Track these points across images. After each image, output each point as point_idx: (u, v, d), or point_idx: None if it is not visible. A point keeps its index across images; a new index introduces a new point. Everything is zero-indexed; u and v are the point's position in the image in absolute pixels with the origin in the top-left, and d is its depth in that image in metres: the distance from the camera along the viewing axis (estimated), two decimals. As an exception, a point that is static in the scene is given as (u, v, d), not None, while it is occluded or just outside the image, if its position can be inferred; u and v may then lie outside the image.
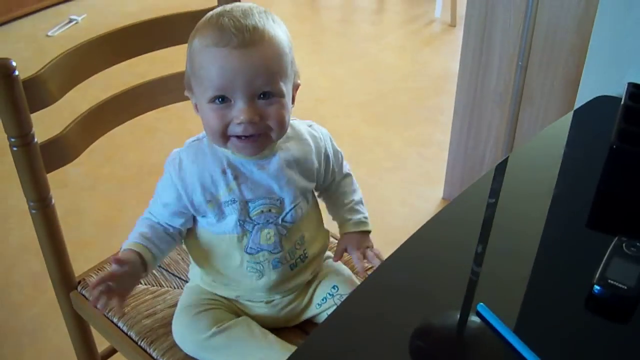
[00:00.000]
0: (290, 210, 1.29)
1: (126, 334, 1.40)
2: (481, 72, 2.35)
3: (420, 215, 2.49)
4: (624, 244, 1.02)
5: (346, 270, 1.44)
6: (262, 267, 1.29)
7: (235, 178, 1.24)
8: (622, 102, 1.29)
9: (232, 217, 1.25)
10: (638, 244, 1.02)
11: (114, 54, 1.47)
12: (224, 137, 1.19)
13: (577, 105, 1.53)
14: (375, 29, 4.53)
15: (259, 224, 1.27)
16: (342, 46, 4.20)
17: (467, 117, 2.49)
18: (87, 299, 1.48)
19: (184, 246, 1.37)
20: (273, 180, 1.26)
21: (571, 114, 1.45)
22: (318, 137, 1.33)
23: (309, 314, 1.38)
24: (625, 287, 0.95)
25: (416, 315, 0.95)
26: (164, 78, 1.58)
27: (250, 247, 1.27)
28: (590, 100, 1.47)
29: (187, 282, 1.49)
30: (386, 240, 1.08)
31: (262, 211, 1.26)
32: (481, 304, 0.94)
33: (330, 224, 1.43)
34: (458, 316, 0.97)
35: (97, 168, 2.95)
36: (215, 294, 1.35)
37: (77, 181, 2.86)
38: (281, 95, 1.18)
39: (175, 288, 1.50)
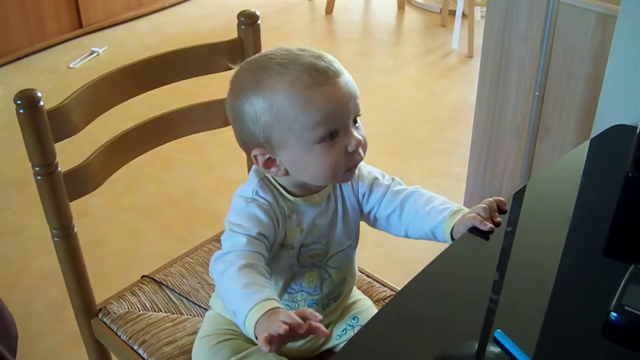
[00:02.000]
0: (335, 254, 1.31)
1: (146, 362, 1.41)
2: (498, 104, 2.36)
3: (438, 247, 2.49)
4: (640, 272, 1.02)
5: (367, 301, 1.45)
6: (297, 306, 1.30)
7: (298, 224, 1.25)
8: (637, 131, 1.30)
9: (285, 261, 1.26)
10: (654, 271, 1.02)
11: (135, 85, 1.49)
12: (341, 172, 1.20)
13: (593, 135, 1.54)
14: (393, 60, 4.56)
15: (305, 267, 1.28)
16: (360, 78, 4.19)
17: (485, 148, 2.50)
18: (107, 326, 1.49)
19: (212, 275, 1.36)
20: (329, 227, 1.29)
21: (587, 142, 1.46)
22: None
23: (329, 345, 1.38)
24: (642, 314, 0.95)
25: (433, 344, 0.96)
26: (184, 109, 1.60)
27: (292, 288, 1.29)
28: (607, 129, 1.48)
29: (206, 309, 1.50)
30: (405, 272, 1.09)
31: (311, 256, 1.28)
32: (499, 330, 0.94)
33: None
34: (476, 344, 0.97)
35: (117, 198, 2.98)
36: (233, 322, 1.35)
37: (97, 211, 2.89)
38: None
39: (195, 316, 1.51)
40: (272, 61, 1.17)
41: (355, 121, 1.20)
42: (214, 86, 1.94)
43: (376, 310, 1.41)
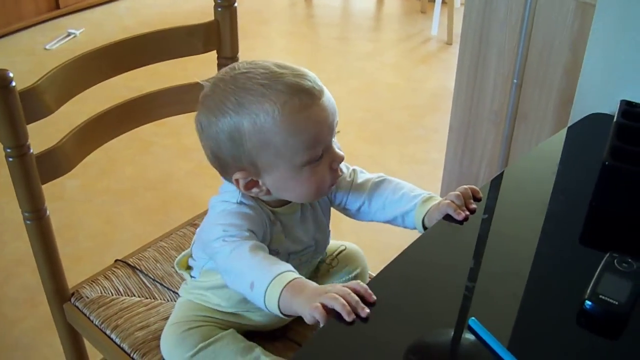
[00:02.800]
0: (322, 251, 1.36)
1: (119, 346, 1.40)
2: (476, 91, 2.36)
3: (415, 233, 2.49)
4: (615, 260, 1.02)
5: (352, 245, 1.49)
6: None
7: (283, 231, 1.25)
8: (614, 120, 1.30)
9: None
10: (629, 260, 1.02)
11: (111, 67, 1.47)
12: (325, 191, 1.20)
13: (570, 122, 1.54)
14: (372, 46, 4.55)
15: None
16: (339, 64, 4.22)
17: (462, 135, 2.49)
18: (80, 310, 1.48)
19: (205, 269, 1.34)
20: (311, 231, 1.30)
21: (565, 130, 1.46)
22: None
23: None
24: (617, 303, 0.95)
25: (408, 332, 0.95)
26: (160, 91, 1.58)
27: None
28: (584, 118, 1.48)
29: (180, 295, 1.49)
30: (382, 259, 1.08)
31: (300, 259, 1.29)
32: (473, 318, 0.94)
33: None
34: (451, 332, 0.97)
35: (93, 182, 2.96)
36: (207, 309, 1.35)
37: (72, 194, 2.87)
38: None
39: (168, 301, 1.50)
40: (252, 81, 1.13)
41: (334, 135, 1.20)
42: (192, 69, 1.93)
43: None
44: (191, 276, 1.38)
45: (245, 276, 1.07)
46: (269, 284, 1.02)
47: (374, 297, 0.96)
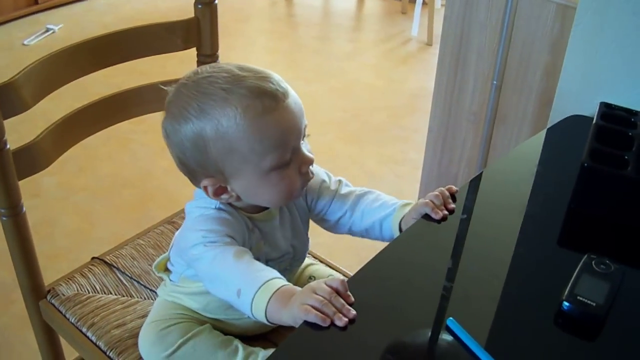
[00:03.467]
0: (301, 259, 1.35)
1: (95, 344, 1.39)
2: (456, 91, 2.36)
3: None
4: (593, 262, 1.03)
5: (320, 265, 1.46)
6: None
7: (262, 237, 1.24)
8: (594, 122, 1.31)
9: None
10: (607, 261, 1.03)
11: (89, 63, 1.46)
12: (294, 194, 1.19)
13: (549, 124, 1.54)
14: (352, 46, 4.55)
15: None
16: (318, 64, 4.21)
17: (441, 135, 2.50)
18: (56, 308, 1.46)
19: (184, 276, 1.32)
20: (289, 238, 1.29)
21: (544, 132, 1.46)
22: None
23: None
24: (594, 304, 0.96)
25: (385, 332, 0.95)
26: (137, 88, 1.57)
27: None
28: (563, 119, 1.49)
29: (157, 293, 1.48)
30: (360, 259, 1.08)
31: (279, 266, 1.26)
32: (451, 318, 0.94)
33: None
34: (429, 332, 0.97)
35: (71, 179, 2.93)
36: (187, 308, 1.34)
37: (49, 191, 2.84)
38: None
39: (145, 299, 1.49)
40: (214, 85, 1.11)
41: (303, 138, 1.18)
42: (171, 67, 1.92)
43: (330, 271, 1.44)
44: (170, 279, 1.37)
45: (231, 283, 1.06)
46: (255, 292, 1.01)
47: (352, 299, 0.96)
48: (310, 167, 1.19)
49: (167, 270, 1.38)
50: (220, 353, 1.27)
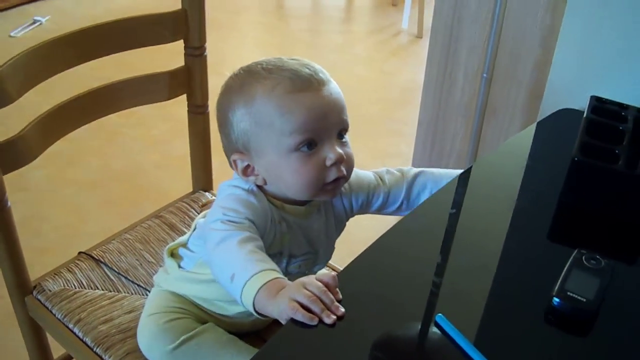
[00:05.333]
0: (323, 262, 1.33)
1: (82, 340, 1.38)
2: (446, 85, 2.36)
3: (384, 227, 2.49)
4: (583, 257, 1.02)
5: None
6: None
7: (288, 232, 1.22)
8: (584, 115, 1.30)
9: None
10: (598, 256, 1.02)
11: (76, 55, 1.44)
12: (318, 186, 1.17)
13: (540, 118, 1.54)
14: (343, 39, 4.53)
15: (292, 274, 1.26)
16: (309, 56, 4.15)
17: (432, 129, 2.49)
18: (42, 304, 1.45)
19: (202, 261, 1.30)
20: (317, 240, 1.27)
21: (534, 126, 1.46)
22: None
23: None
24: (584, 300, 0.95)
25: (374, 327, 0.94)
26: (125, 81, 1.55)
27: None
28: (554, 113, 1.48)
29: (145, 288, 1.47)
30: (350, 252, 1.07)
31: (299, 266, 1.26)
32: (440, 315, 0.93)
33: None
34: (417, 327, 0.96)
35: (59, 172, 2.91)
36: (185, 301, 1.33)
37: (38, 185, 2.82)
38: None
39: (132, 294, 1.48)
40: (259, 66, 1.17)
41: (341, 136, 1.18)
42: (160, 60, 1.90)
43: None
44: (179, 266, 1.35)
45: (228, 266, 1.05)
46: (248, 280, 0.99)
47: (340, 296, 0.95)
48: (343, 166, 1.17)
49: (175, 256, 1.37)
50: (224, 352, 1.27)
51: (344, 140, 1.19)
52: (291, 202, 1.22)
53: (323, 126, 1.14)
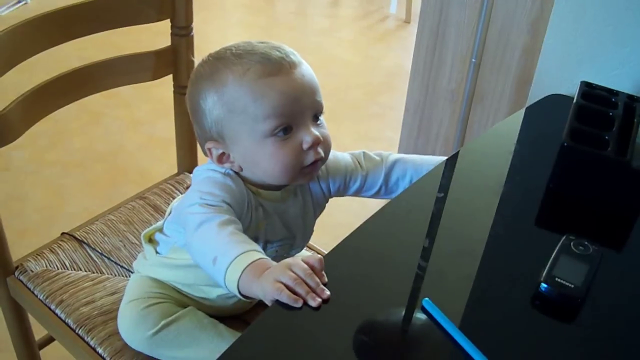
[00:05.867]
0: (301, 246, 1.32)
1: (64, 322, 1.37)
2: (434, 70, 2.35)
3: (369, 212, 2.48)
4: (571, 243, 1.01)
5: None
6: None
7: (265, 217, 1.21)
8: (574, 101, 1.29)
9: None
10: (586, 242, 1.01)
11: (58, 33, 1.42)
12: (296, 170, 1.16)
13: (528, 103, 1.53)
14: (330, 22, 4.51)
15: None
16: (295, 40, 4.17)
17: (418, 114, 2.48)
18: (24, 284, 1.43)
19: (177, 246, 1.29)
20: (294, 225, 1.26)
21: (523, 111, 1.45)
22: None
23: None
24: (572, 286, 0.95)
25: (360, 312, 0.93)
26: (109, 60, 1.54)
27: None
28: (543, 98, 1.47)
29: (128, 269, 1.45)
30: (334, 236, 1.06)
31: (276, 251, 1.26)
32: (426, 299, 0.92)
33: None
34: (403, 311, 0.95)
35: (41, 153, 2.89)
36: (165, 286, 1.31)
37: (20, 165, 2.80)
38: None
39: (115, 275, 1.46)
40: (228, 52, 1.15)
41: (316, 118, 1.17)
42: (145, 41, 1.88)
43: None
44: (156, 251, 1.34)
45: (209, 250, 1.04)
46: (230, 262, 0.98)
47: (325, 279, 0.94)
48: (320, 148, 1.16)
49: (152, 241, 1.36)
50: (204, 336, 1.26)
51: (319, 122, 1.18)
52: (266, 187, 1.21)
53: (297, 109, 1.13)
